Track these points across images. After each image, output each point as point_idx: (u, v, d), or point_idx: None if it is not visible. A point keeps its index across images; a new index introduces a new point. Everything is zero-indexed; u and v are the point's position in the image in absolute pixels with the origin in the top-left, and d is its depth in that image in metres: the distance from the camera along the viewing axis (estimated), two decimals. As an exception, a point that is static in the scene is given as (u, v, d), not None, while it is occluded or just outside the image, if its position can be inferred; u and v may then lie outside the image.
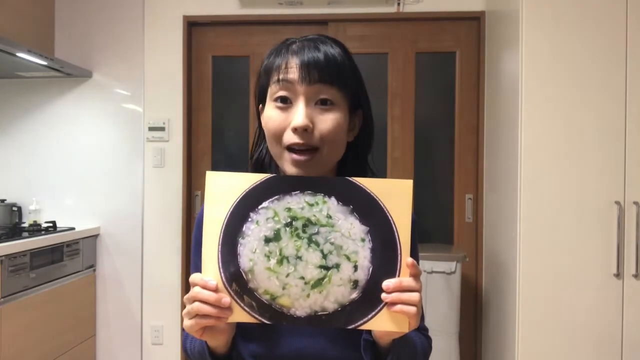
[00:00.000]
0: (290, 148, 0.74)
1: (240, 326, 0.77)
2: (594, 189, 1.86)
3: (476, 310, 2.61)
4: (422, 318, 0.88)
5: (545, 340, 1.88)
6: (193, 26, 2.72)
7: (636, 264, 1.83)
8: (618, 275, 1.85)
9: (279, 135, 0.75)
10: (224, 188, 0.67)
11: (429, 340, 0.86)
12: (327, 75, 0.75)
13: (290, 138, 0.74)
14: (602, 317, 1.86)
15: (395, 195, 0.67)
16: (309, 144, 0.74)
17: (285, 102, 0.75)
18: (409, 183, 0.67)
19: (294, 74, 0.74)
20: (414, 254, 0.73)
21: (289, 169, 0.75)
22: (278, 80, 0.75)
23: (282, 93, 0.75)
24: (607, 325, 1.85)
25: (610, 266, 1.85)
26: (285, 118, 0.75)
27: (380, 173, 0.87)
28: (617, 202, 1.84)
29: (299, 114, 0.73)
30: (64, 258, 2.37)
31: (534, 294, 1.88)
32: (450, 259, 2.27)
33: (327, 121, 0.74)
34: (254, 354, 0.78)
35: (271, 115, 0.76)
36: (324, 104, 0.75)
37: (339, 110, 0.76)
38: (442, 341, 2.26)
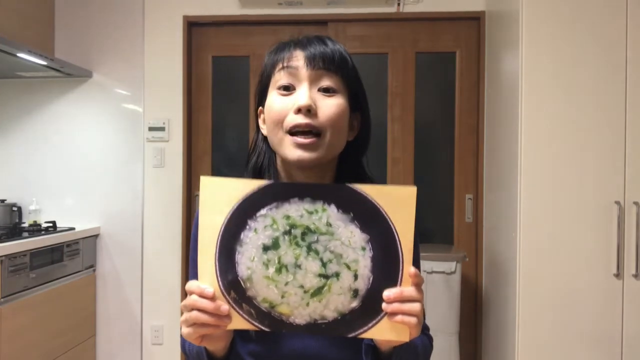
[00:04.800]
0: (293, 133, 0.74)
1: (238, 327, 0.78)
2: (594, 189, 1.86)
3: (476, 310, 2.61)
4: (423, 316, 0.88)
5: (545, 340, 1.88)
6: (193, 26, 2.72)
7: (636, 264, 1.83)
8: (618, 275, 1.85)
9: (281, 119, 0.74)
10: (220, 194, 0.66)
11: (430, 339, 0.86)
12: (332, 63, 0.76)
13: (293, 119, 0.73)
14: (602, 317, 1.86)
15: (398, 202, 0.64)
16: (311, 126, 0.73)
17: (289, 90, 0.76)
18: (413, 190, 0.64)
19: (298, 61, 0.75)
20: (415, 256, 0.72)
21: (291, 152, 0.74)
22: (282, 68, 0.76)
23: (285, 80, 0.76)
24: (607, 325, 1.85)
25: (610, 266, 1.85)
26: (289, 102, 0.75)
27: (380, 173, 0.87)
28: (617, 202, 1.84)
29: (302, 95, 0.73)
30: (64, 258, 2.36)
31: (534, 294, 1.88)
32: (450, 259, 2.27)
33: (330, 106, 0.75)
34: (253, 353, 0.78)
35: (274, 101, 0.76)
36: (327, 92, 0.75)
37: (342, 98, 0.77)
38: (442, 341, 2.26)
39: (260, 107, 0.82)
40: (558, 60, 1.87)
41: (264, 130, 0.82)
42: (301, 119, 0.72)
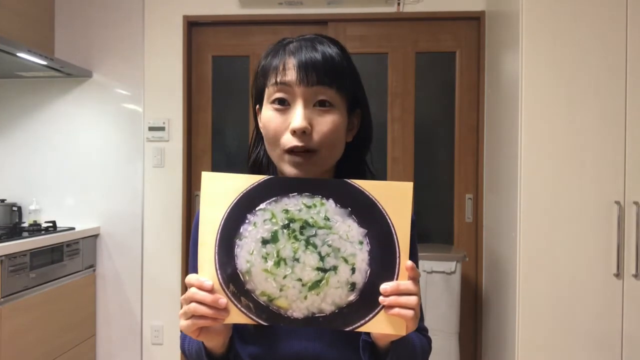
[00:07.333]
0: (289, 150, 0.74)
1: (238, 328, 0.77)
2: (594, 189, 1.86)
3: (476, 310, 2.61)
4: (422, 318, 0.88)
5: (545, 340, 1.88)
6: (193, 26, 2.72)
7: (636, 264, 1.83)
8: (618, 275, 1.85)
9: (277, 138, 0.75)
10: (221, 189, 0.67)
11: (428, 340, 0.86)
12: (326, 76, 0.74)
13: (289, 141, 0.73)
14: (602, 317, 1.85)
15: (394, 198, 0.66)
16: (306, 148, 0.73)
17: (283, 104, 0.74)
18: (409, 186, 0.66)
19: (291, 75, 0.73)
20: (413, 254, 0.72)
21: (288, 170, 0.75)
22: (275, 83, 0.74)
23: (279, 95, 0.74)
24: (607, 325, 1.85)
25: (610, 266, 1.85)
26: (284, 120, 0.74)
27: (380, 173, 0.87)
28: (617, 202, 1.84)
29: (297, 116, 0.72)
30: (64, 258, 2.36)
31: (534, 294, 1.88)
32: (450, 259, 2.27)
33: (325, 123, 0.74)
34: (252, 355, 0.78)
35: (269, 117, 0.75)
36: (323, 106, 0.74)
37: (338, 111, 0.75)
38: (442, 341, 2.26)
39: (258, 106, 0.82)
40: (558, 60, 1.87)
41: (262, 128, 0.82)
42: (297, 141, 0.73)
